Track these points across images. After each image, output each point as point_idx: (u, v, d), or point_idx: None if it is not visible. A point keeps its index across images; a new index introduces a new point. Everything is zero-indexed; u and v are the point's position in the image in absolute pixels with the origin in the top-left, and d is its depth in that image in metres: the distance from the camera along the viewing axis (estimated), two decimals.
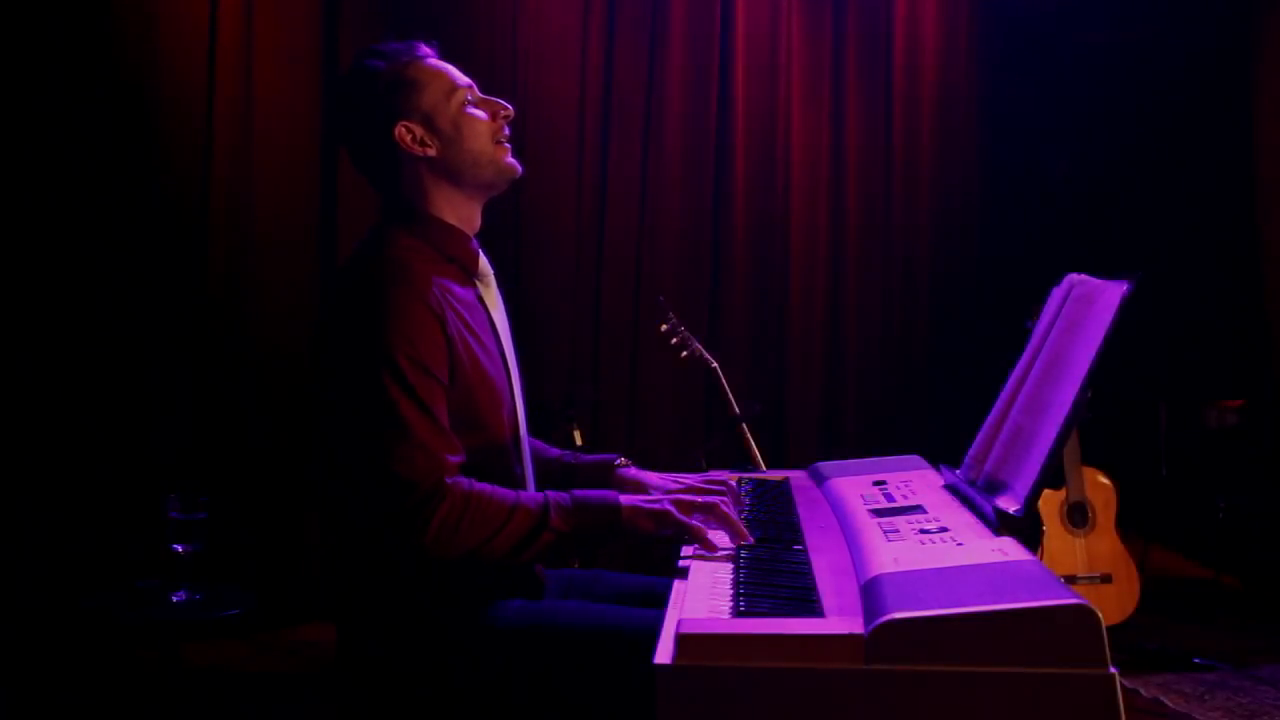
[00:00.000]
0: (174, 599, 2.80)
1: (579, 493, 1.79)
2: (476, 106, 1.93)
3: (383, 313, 1.73)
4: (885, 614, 1.30)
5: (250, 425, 3.91)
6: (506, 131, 1.95)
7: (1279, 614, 4.35)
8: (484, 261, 1.98)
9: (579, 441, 3.66)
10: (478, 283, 1.96)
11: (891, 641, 1.28)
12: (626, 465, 2.09)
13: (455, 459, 1.74)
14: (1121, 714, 1.27)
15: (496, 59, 4.33)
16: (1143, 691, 3.46)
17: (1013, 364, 1.99)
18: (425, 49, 1.95)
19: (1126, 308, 1.70)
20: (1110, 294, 1.75)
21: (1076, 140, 5.46)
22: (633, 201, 4.61)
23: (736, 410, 3.54)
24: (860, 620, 1.34)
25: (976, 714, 1.28)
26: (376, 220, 1.94)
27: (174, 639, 3.02)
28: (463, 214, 1.94)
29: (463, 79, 1.94)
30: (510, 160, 1.95)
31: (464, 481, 1.72)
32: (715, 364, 3.56)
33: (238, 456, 3.88)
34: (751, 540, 1.78)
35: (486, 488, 1.74)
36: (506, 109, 1.95)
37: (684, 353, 3.56)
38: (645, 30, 4.62)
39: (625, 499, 1.79)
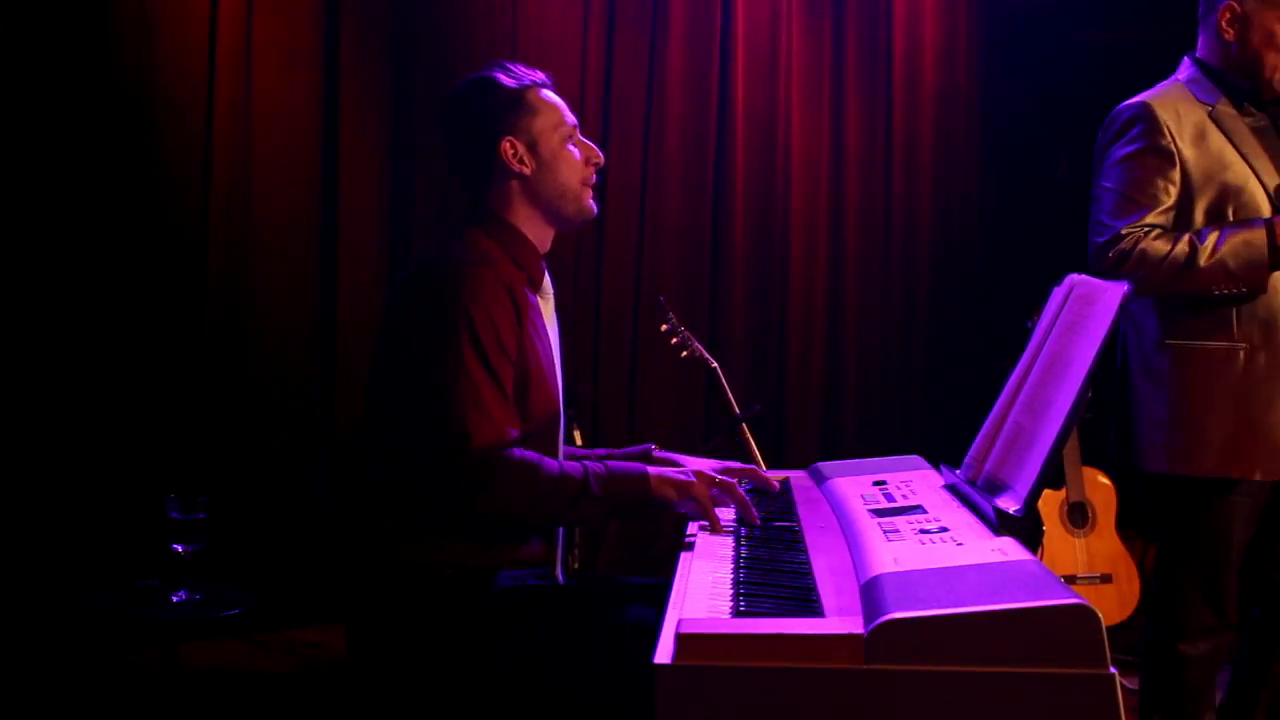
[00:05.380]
0: (174, 599, 2.80)
1: (613, 463, 1.92)
2: (575, 145, 2.04)
3: (463, 287, 1.85)
4: (885, 614, 1.30)
5: (250, 425, 3.91)
6: (594, 177, 2.07)
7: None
8: (548, 280, 2.09)
9: (579, 441, 3.66)
10: (539, 297, 2.04)
11: (891, 641, 1.28)
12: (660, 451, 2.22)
13: (514, 432, 1.84)
14: (1121, 714, 1.27)
15: (496, 59, 4.32)
16: None
17: (1013, 364, 1.99)
18: (545, 78, 2.07)
19: (1127, 308, 1.70)
20: (1111, 294, 1.75)
21: (1076, 140, 5.45)
22: (633, 201, 4.60)
23: (736, 410, 3.54)
24: (860, 620, 1.34)
25: (976, 714, 1.28)
26: (455, 217, 2.07)
27: (174, 639, 3.01)
28: (538, 235, 2.05)
29: (570, 117, 2.06)
30: (590, 202, 2.07)
31: (517, 452, 1.82)
32: (715, 364, 3.56)
33: (238, 456, 3.88)
34: (759, 521, 1.90)
35: (534, 456, 1.84)
36: (598, 157, 2.07)
37: (684, 353, 3.55)
38: (645, 30, 4.62)
39: (653, 470, 1.92)
